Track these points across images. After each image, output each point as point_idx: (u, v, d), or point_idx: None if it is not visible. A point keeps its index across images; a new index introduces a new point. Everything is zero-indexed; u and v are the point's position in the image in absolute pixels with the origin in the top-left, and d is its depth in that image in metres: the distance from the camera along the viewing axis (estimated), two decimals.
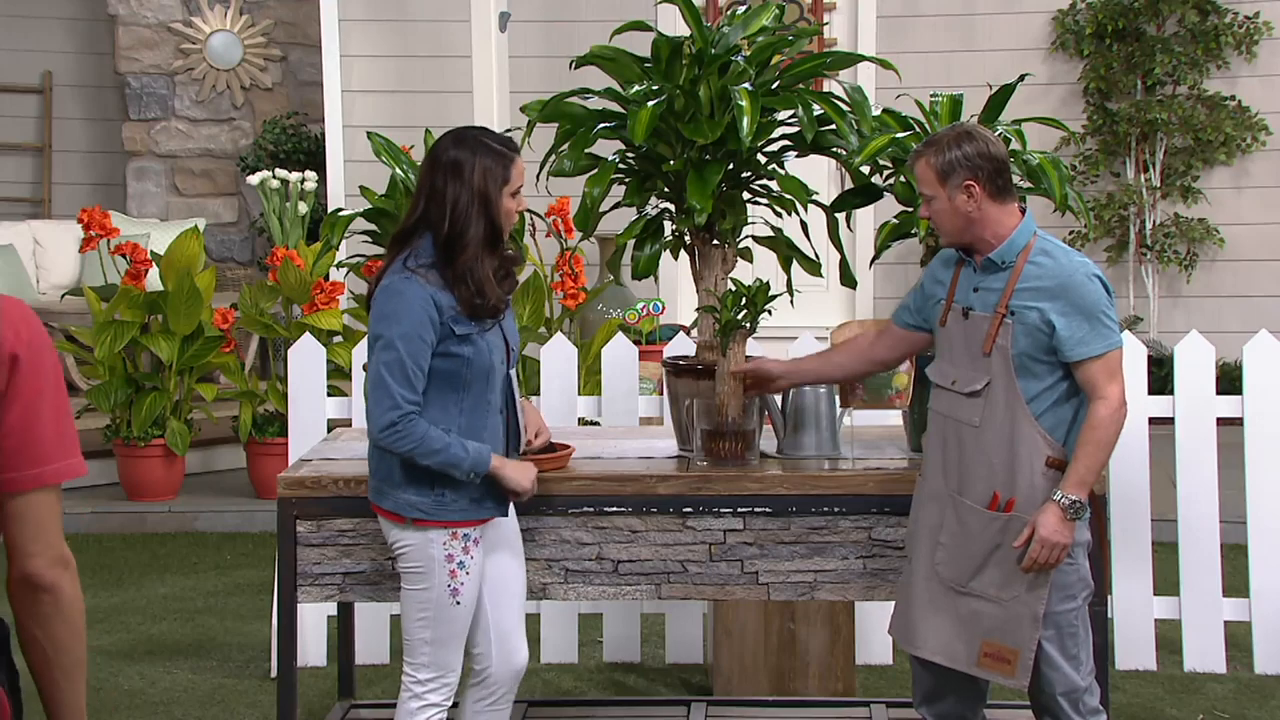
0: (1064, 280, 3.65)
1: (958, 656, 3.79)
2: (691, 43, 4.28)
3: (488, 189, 3.63)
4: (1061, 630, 3.73)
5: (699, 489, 4.07)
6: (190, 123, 11.35)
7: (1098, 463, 3.66)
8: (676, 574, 4.11)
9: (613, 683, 5.54)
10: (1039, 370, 3.66)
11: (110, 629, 6.29)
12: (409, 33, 9.86)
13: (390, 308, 3.61)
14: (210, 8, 11.29)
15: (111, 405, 7.77)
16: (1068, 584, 3.72)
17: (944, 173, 3.69)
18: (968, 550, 3.75)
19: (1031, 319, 3.65)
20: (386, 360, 3.59)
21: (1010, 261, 3.70)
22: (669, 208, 4.41)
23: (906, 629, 3.89)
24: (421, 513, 3.67)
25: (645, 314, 6.49)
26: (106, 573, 7.10)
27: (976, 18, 9.97)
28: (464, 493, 3.69)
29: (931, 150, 3.73)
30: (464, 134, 3.72)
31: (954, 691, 3.91)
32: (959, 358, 3.77)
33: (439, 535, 3.69)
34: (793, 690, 5.15)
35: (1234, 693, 5.40)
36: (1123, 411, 3.66)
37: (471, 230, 3.62)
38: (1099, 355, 3.63)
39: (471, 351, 3.65)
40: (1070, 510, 3.63)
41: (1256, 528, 5.61)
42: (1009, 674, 3.73)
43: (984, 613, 3.74)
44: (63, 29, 11.87)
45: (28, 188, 11.97)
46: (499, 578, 3.87)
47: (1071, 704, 3.76)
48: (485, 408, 3.72)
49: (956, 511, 3.76)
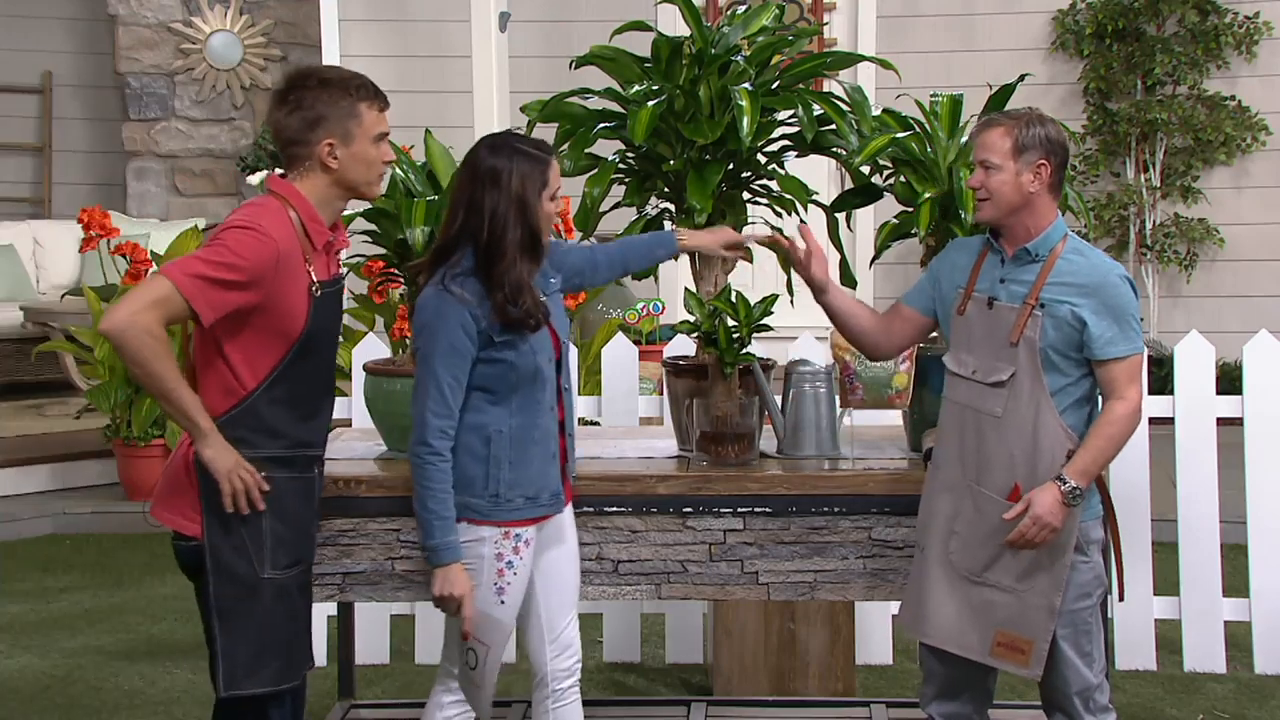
0: (1099, 279, 3.65)
1: (970, 645, 3.79)
2: (691, 43, 4.28)
3: (526, 194, 3.62)
4: (1077, 628, 3.74)
5: (699, 489, 4.07)
6: (190, 123, 11.35)
7: (1104, 456, 3.67)
8: (676, 574, 4.10)
9: (613, 682, 5.54)
10: (1064, 365, 3.67)
11: (111, 629, 6.29)
12: (409, 33, 9.86)
13: (425, 319, 3.64)
14: (210, 8, 11.30)
15: (111, 405, 7.77)
16: (1084, 582, 3.73)
17: (1022, 146, 3.70)
18: (984, 540, 3.74)
19: (1062, 313, 3.65)
20: (422, 376, 3.63)
21: (1044, 255, 3.70)
22: (669, 208, 4.41)
23: (917, 617, 3.89)
24: (474, 512, 3.68)
25: (645, 314, 6.49)
26: (106, 573, 7.10)
27: (976, 18, 9.97)
28: (518, 492, 3.70)
29: (1015, 122, 3.72)
30: (498, 141, 3.71)
31: (968, 690, 3.90)
32: (979, 347, 3.77)
33: (491, 534, 3.69)
34: (793, 690, 5.15)
35: (1234, 693, 5.40)
36: (1138, 417, 3.68)
37: (510, 236, 3.62)
38: (1124, 357, 3.65)
39: (514, 356, 3.65)
40: (1069, 495, 3.62)
41: (1256, 528, 5.61)
42: (1023, 664, 3.73)
43: (998, 603, 3.74)
44: (63, 29, 11.88)
45: (28, 188, 11.98)
46: (552, 575, 3.87)
47: (1084, 702, 3.77)
48: (535, 408, 3.72)
49: (974, 501, 3.75)
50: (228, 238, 3.45)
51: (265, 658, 3.58)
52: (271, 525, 3.56)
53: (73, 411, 9.24)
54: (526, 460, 3.70)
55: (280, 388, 3.54)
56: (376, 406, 4.24)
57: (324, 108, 3.55)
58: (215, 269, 3.40)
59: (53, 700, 5.49)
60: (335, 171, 3.57)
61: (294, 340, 3.52)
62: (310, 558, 3.73)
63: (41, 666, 5.86)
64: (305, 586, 3.71)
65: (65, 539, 7.70)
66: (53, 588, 6.90)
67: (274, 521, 3.57)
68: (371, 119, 3.59)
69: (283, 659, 3.62)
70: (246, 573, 3.56)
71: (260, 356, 3.52)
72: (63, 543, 7.64)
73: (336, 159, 3.56)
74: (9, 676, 5.76)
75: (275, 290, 3.46)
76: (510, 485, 3.68)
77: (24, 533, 7.75)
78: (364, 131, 3.58)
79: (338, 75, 3.62)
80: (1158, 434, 5.54)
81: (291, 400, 3.58)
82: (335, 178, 3.59)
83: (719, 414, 4.14)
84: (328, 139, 3.55)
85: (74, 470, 8.30)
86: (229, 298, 3.42)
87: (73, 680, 5.70)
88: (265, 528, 3.56)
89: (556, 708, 3.89)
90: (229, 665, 3.56)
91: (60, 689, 5.61)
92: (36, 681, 5.70)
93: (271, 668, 3.59)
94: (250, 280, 3.42)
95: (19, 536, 7.71)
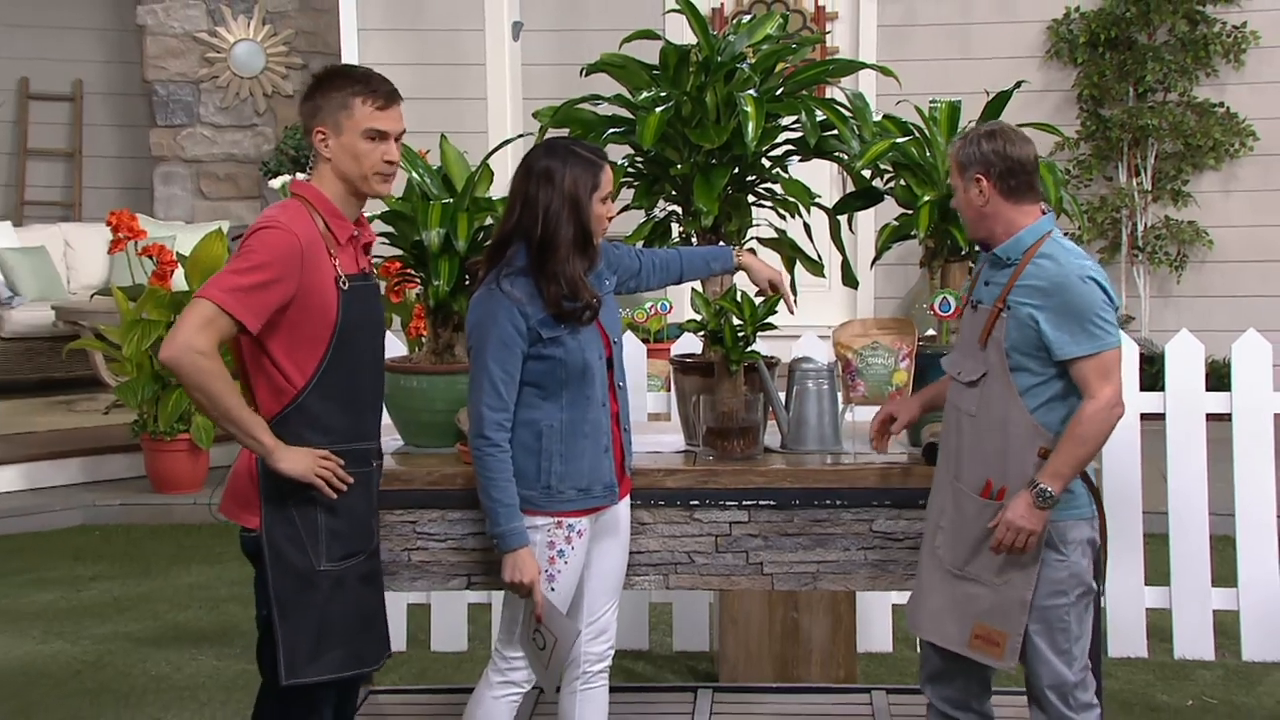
0: (1059, 282, 3.61)
1: (950, 637, 3.77)
2: (698, 51, 4.27)
3: (578, 194, 3.65)
4: (1051, 625, 3.69)
5: (705, 482, 4.05)
6: (214, 129, 11.36)
7: (1075, 458, 3.60)
8: (684, 565, 4.09)
9: (622, 670, 5.53)
10: (1031, 365, 3.64)
11: (138, 616, 6.29)
12: (425, 41, 9.86)
13: (477, 318, 3.67)
14: (234, 18, 11.30)
15: (139, 401, 7.77)
16: (1057, 579, 3.68)
17: (961, 165, 3.69)
18: (964, 535, 3.72)
19: (1022, 315, 3.62)
20: (476, 372, 3.66)
21: (1015, 259, 3.68)
22: (676, 210, 4.40)
23: (912, 610, 3.88)
24: (528, 502, 3.69)
25: (653, 313, 6.45)
26: (134, 562, 7.11)
27: (974, 27, 9.94)
28: (569, 484, 3.71)
29: (958, 143, 3.73)
30: (555, 144, 3.76)
31: (961, 675, 3.88)
32: (965, 348, 3.76)
33: (544, 523, 3.71)
34: (796, 677, 5.14)
35: (1222, 679, 5.39)
36: (1114, 411, 3.61)
37: (562, 233, 3.64)
38: (1088, 355, 3.59)
39: (563, 353, 3.67)
40: (1038, 498, 3.58)
41: (1244, 520, 5.58)
42: (997, 656, 3.70)
43: (978, 596, 3.71)
44: (93, 39, 11.89)
45: (59, 191, 12.00)
46: (599, 563, 3.88)
47: (1060, 697, 3.72)
48: (585, 403, 3.73)
49: (955, 497, 3.74)
50: (251, 242, 3.45)
51: (325, 646, 3.56)
52: (325, 519, 3.54)
53: (102, 407, 9.24)
54: (578, 453, 3.72)
55: (327, 383, 3.53)
56: (394, 402, 4.23)
57: (321, 99, 3.55)
58: (246, 275, 3.40)
59: (83, 684, 5.50)
60: (331, 163, 3.57)
61: (330, 333, 3.51)
62: (368, 548, 3.67)
63: (73, 652, 5.86)
64: (367, 576, 3.67)
65: (95, 529, 7.71)
66: (83, 576, 6.90)
67: (327, 515, 3.54)
68: (363, 113, 3.53)
69: (343, 648, 3.59)
70: (303, 565, 3.53)
71: (304, 354, 3.50)
72: (92, 533, 7.65)
73: (329, 149, 3.55)
74: (42, 661, 5.77)
75: (305, 282, 3.45)
76: (561, 478, 3.70)
77: (55, 524, 7.76)
78: (353, 124, 3.53)
79: (346, 72, 3.61)
80: (1149, 429, 5.52)
81: (340, 395, 3.56)
82: (334, 170, 3.57)
83: (725, 410, 4.13)
84: (319, 128, 3.55)
85: (103, 464, 8.31)
86: (267, 299, 3.41)
87: (102, 665, 5.70)
88: (320, 522, 3.54)
89: (585, 690, 3.91)
90: (289, 654, 3.54)
91: (90, 674, 5.61)
92: (68, 666, 5.70)
93: (332, 656, 3.57)
94: (280, 275, 3.41)
95: (51, 527, 7.72)
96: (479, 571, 4.08)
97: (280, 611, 3.54)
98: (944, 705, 3.90)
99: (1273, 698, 5.23)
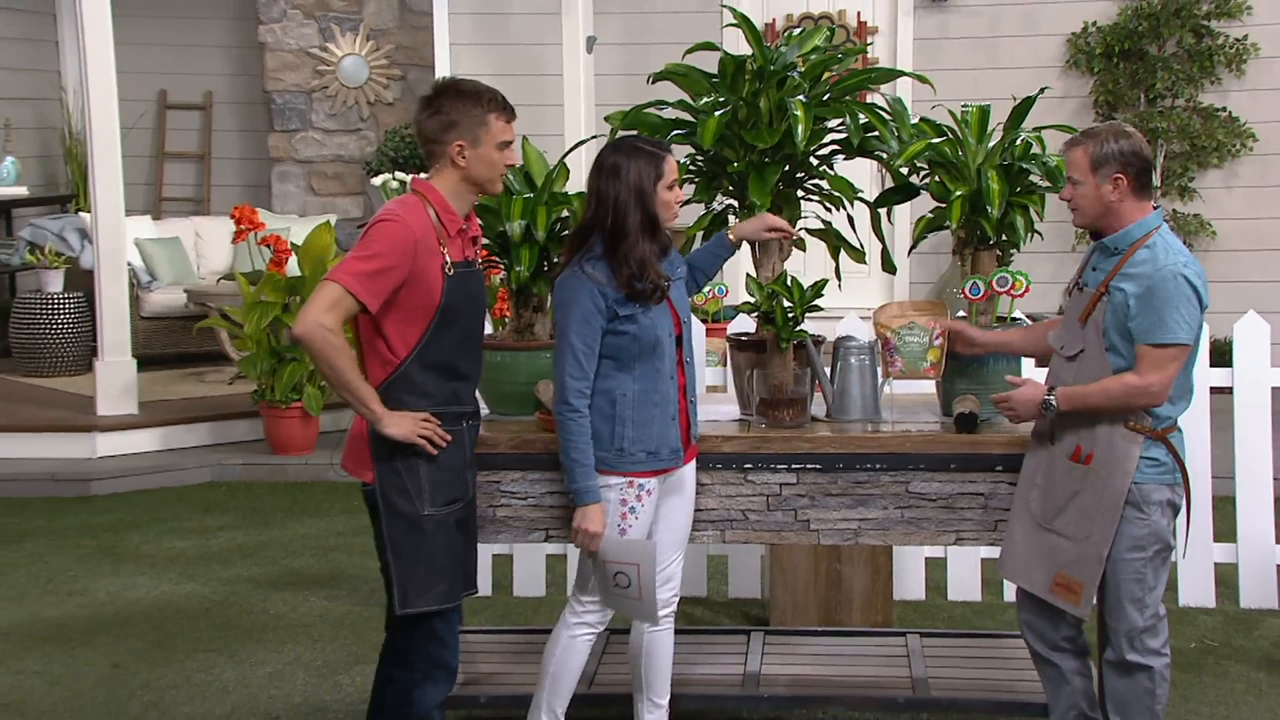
0: (1153, 274, 3.55)
1: (1036, 582, 3.76)
2: (753, 61, 4.22)
3: (643, 184, 3.66)
4: (1127, 575, 3.65)
5: (758, 448, 4.01)
6: (324, 133, 11.39)
7: (1090, 403, 3.60)
8: (739, 521, 4.05)
9: (683, 614, 5.48)
10: (1123, 348, 3.59)
11: (258, 562, 6.33)
12: (509, 54, 9.85)
13: (562, 297, 3.68)
14: (342, 35, 11.32)
15: (258, 373, 7.82)
16: (1137, 535, 3.64)
17: (1098, 162, 3.60)
18: (1053, 493, 3.71)
19: (1118, 300, 3.58)
20: (561, 345, 3.67)
21: (1122, 249, 3.62)
22: (733, 204, 4.35)
23: (1004, 556, 3.86)
24: (603, 463, 3.70)
25: (711, 296, 6.40)
26: (255, 515, 7.16)
27: (1001, 40, 9.82)
28: (640, 448, 3.71)
29: (1092, 140, 3.63)
30: (620, 142, 3.77)
31: (1049, 616, 3.80)
32: (1069, 325, 3.74)
33: (617, 482, 3.72)
34: (838, 621, 5.10)
35: (1222, 624, 5.33)
36: (1148, 397, 3.55)
37: (631, 220, 3.65)
38: (1154, 344, 3.53)
39: (636, 329, 3.67)
40: (1044, 404, 3.65)
41: (1243, 482, 5.51)
42: (1075, 603, 3.69)
43: (1062, 548, 3.69)
44: (221, 55, 11.96)
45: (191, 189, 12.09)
46: (667, 517, 3.86)
47: (1129, 641, 3.69)
48: (656, 375, 3.73)
49: (1049, 460, 3.73)
50: (372, 233, 3.51)
51: (431, 581, 3.61)
52: (428, 471, 3.59)
53: (227, 378, 9.31)
54: (648, 420, 3.71)
55: (428, 354, 3.57)
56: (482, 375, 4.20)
57: (458, 114, 3.56)
58: (368, 262, 3.46)
59: (213, 621, 5.54)
60: (463, 169, 3.59)
61: (434, 312, 3.54)
62: (466, 495, 3.71)
63: (203, 592, 5.91)
64: (463, 522, 3.71)
65: (221, 486, 7.76)
66: (211, 526, 6.96)
67: (430, 467, 3.59)
68: (498, 128, 3.59)
69: (446, 582, 3.64)
70: (410, 511, 3.59)
71: (409, 329, 3.55)
72: (219, 489, 7.71)
73: (465, 159, 3.57)
74: (178, 599, 5.82)
75: (416, 268, 3.49)
76: (633, 441, 3.70)
77: (187, 480, 7.82)
78: (490, 138, 3.58)
79: (474, 88, 3.61)
80: None
81: (439, 365, 3.59)
82: (463, 175, 3.60)
83: (775, 383, 4.08)
84: (458, 141, 3.56)
85: (228, 428, 8.36)
86: (385, 283, 3.47)
87: (229, 604, 5.75)
88: (423, 473, 3.59)
89: (652, 632, 3.90)
90: (402, 588, 3.60)
91: (219, 611, 5.66)
92: (200, 605, 5.75)
93: (437, 589, 3.63)
94: (396, 263, 3.46)
95: (183, 484, 7.79)
96: (556, 526, 4.05)
97: (394, 552, 3.60)
98: (1038, 644, 3.87)
99: (1266, 640, 5.17)
